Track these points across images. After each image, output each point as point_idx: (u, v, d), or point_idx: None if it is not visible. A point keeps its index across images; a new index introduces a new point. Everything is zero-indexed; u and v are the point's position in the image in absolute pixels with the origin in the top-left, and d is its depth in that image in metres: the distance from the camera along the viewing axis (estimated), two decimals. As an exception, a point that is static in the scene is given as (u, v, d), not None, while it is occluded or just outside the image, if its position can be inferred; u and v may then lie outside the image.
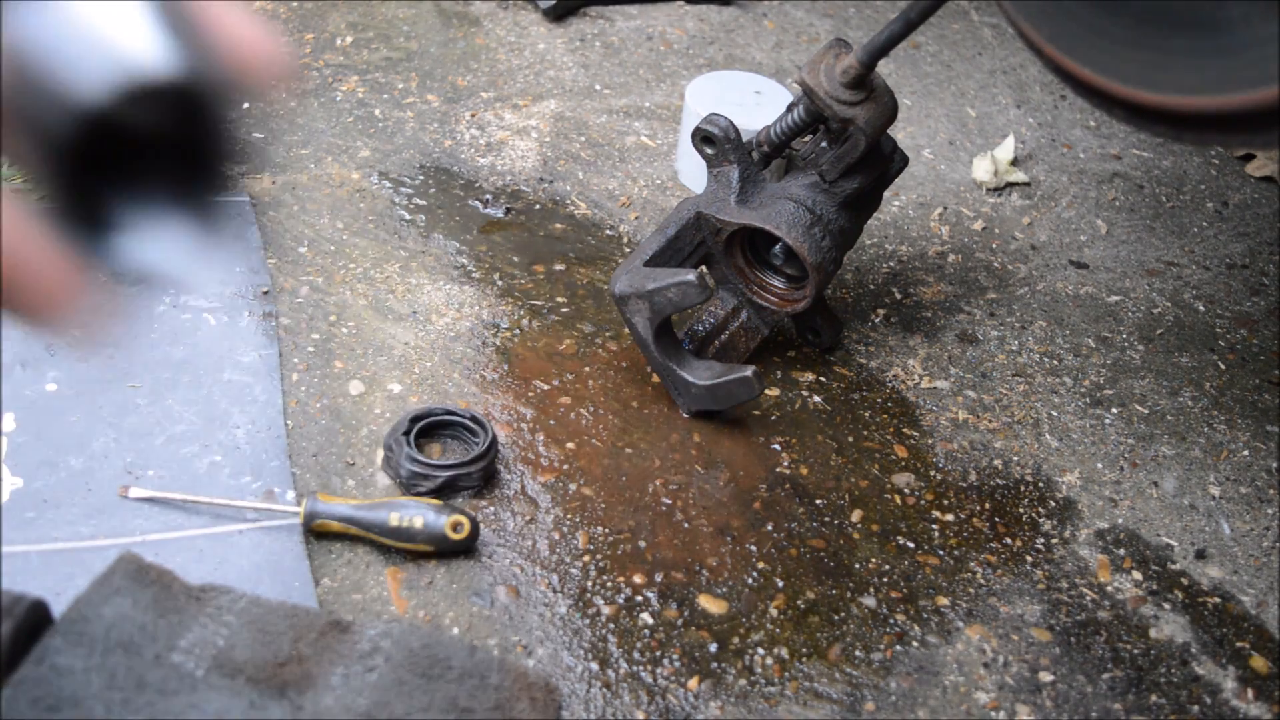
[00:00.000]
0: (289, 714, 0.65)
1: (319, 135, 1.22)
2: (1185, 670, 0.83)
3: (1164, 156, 1.41)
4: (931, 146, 1.36)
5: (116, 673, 0.64)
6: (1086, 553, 0.91)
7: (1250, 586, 0.90)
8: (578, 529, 0.86)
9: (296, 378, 0.94)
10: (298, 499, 0.84)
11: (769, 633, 0.81)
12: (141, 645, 0.65)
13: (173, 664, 0.65)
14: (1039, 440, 1.01)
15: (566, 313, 1.05)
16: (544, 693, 0.71)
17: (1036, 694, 0.80)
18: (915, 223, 1.24)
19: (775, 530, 0.89)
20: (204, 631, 0.68)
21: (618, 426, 0.95)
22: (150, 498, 0.82)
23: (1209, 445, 1.02)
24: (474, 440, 0.89)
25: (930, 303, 1.14)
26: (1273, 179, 1.39)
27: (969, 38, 1.58)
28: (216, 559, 0.79)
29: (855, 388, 1.03)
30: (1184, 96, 0.64)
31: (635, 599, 0.82)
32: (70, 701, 0.62)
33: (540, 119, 1.30)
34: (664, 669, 0.78)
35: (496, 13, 1.47)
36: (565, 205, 1.19)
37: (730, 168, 0.94)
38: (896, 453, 0.97)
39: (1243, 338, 1.15)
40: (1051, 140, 1.40)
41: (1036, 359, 1.09)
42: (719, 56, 1.46)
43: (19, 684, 0.62)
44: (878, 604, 0.85)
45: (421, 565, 0.81)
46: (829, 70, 0.89)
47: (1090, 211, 1.30)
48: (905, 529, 0.91)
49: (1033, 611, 0.86)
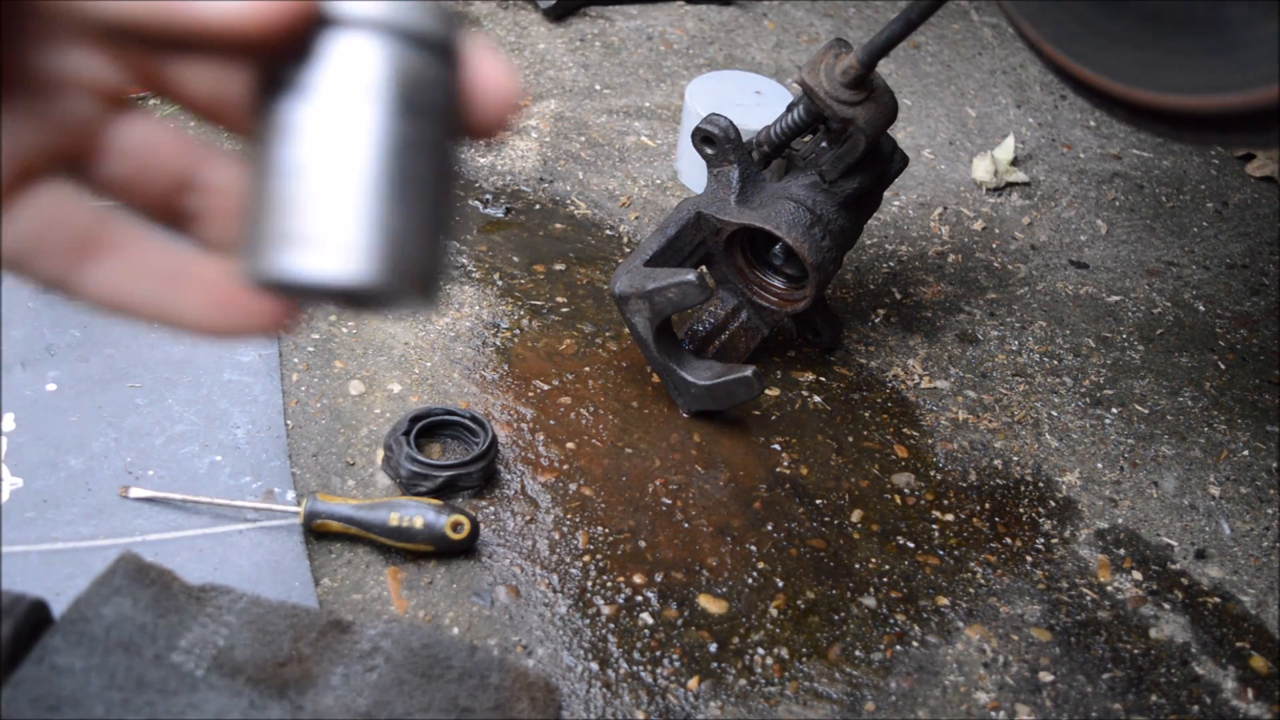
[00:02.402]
0: (289, 714, 0.65)
1: (319, 135, 1.22)
2: (1185, 670, 0.83)
3: (1164, 156, 1.41)
4: (931, 146, 1.36)
5: (116, 673, 0.64)
6: (1086, 553, 0.91)
7: (1250, 586, 0.90)
8: (578, 529, 0.86)
9: (296, 377, 0.94)
10: (298, 499, 0.84)
11: (769, 633, 0.81)
12: (141, 645, 0.65)
13: (173, 664, 0.65)
14: (1039, 440, 1.00)
15: (566, 313, 1.05)
16: (544, 693, 0.71)
17: (1036, 694, 0.80)
18: (915, 223, 1.24)
19: (775, 530, 0.89)
20: (204, 631, 0.68)
21: (618, 426, 0.95)
22: (150, 498, 0.82)
23: (1209, 445, 1.02)
24: (474, 440, 0.89)
25: (930, 303, 1.14)
26: (1273, 179, 1.39)
27: (969, 38, 1.58)
28: (216, 559, 0.79)
29: (855, 388, 1.03)
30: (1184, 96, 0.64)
31: (635, 599, 0.82)
32: (70, 701, 0.62)
33: (540, 119, 1.30)
34: (664, 669, 0.78)
35: (496, 13, 1.47)
36: (565, 205, 1.19)
37: (730, 168, 0.94)
38: (896, 453, 0.97)
39: (1243, 338, 1.15)
40: (1051, 140, 1.40)
41: (1036, 359, 1.09)
42: (719, 56, 1.46)
43: (19, 684, 0.62)
44: (878, 604, 0.85)
45: (421, 565, 0.81)
46: (829, 70, 0.89)
47: (1090, 211, 1.30)
48: (905, 529, 0.91)
49: (1033, 611, 0.86)
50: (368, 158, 0.24)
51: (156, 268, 0.29)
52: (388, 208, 0.24)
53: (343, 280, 0.23)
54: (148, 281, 0.28)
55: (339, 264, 0.23)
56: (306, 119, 0.24)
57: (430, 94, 0.24)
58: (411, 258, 0.24)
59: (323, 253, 0.23)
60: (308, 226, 0.23)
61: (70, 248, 0.28)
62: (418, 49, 0.24)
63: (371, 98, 0.24)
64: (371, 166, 0.24)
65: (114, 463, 0.84)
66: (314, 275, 0.23)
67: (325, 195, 0.24)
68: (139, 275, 0.28)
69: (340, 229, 0.23)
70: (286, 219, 0.24)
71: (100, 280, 0.28)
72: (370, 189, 0.24)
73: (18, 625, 0.63)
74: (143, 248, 0.29)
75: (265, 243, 0.24)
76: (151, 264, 0.29)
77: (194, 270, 0.28)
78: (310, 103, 0.24)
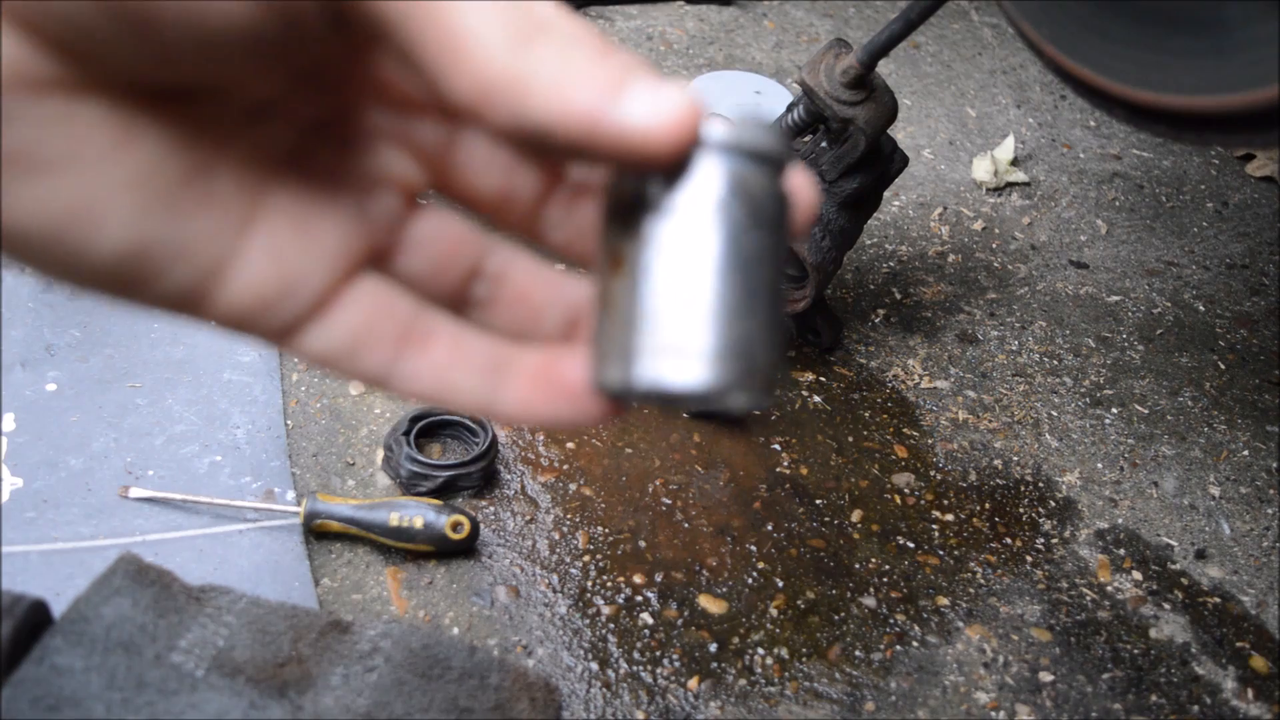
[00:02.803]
0: (289, 714, 0.65)
1: (319, 135, 1.22)
2: (1185, 670, 0.83)
3: (1164, 156, 1.41)
4: (931, 146, 1.36)
5: (116, 673, 0.64)
6: (1086, 553, 0.91)
7: (1250, 586, 0.90)
8: (578, 529, 0.86)
9: (296, 377, 0.94)
10: (298, 499, 0.84)
11: (769, 633, 0.81)
12: (141, 645, 0.65)
13: (173, 664, 0.65)
14: (1039, 440, 1.00)
15: (566, 313, 1.05)
16: (544, 693, 0.71)
17: (1036, 694, 0.80)
18: (915, 223, 1.24)
19: (775, 530, 0.89)
20: (204, 631, 0.68)
21: (618, 426, 0.95)
22: (150, 498, 0.82)
23: (1209, 445, 1.02)
24: (474, 440, 0.89)
25: (930, 303, 1.14)
26: (1273, 179, 1.39)
27: (969, 38, 1.58)
28: (216, 559, 0.79)
29: (855, 388, 1.03)
30: (1184, 96, 0.64)
31: (635, 599, 0.82)
32: (70, 701, 0.62)
33: (540, 119, 1.30)
34: (664, 669, 0.78)
35: (496, 13, 1.47)
36: (565, 205, 1.19)
37: (730, 168, 0.94)
38: (896, 453, 0.97)
39: (1243, 338, 1.15)
40: (1051, 140, 1.40)
41: (1036, 359, 1.09)
42: (719, 56, 1.46)
43: (19, 684, 0.62)
44: (878, 604, 0.85)
45: (421, 565, 0.81)
46: (829, 70, 0.89)
47: (1090, 211, 1.30)
48: (905, 529, 0.91)
49: (1033, 611, 0.86)
50: (723, 273, 0.26)
51: (478, 359, 0.29)
52: (740, 319, 0.26)
53: (702, 389, 0.25)
54: (470, 373, 0.29)
55: (699, 374, 0.25)
56: (666, 234, 0.26)
57: (771, 208, 0.26)
58: (758, 362, 0.26)
59: (685, 365, 0.25)
60: (672, 340, 0.26)
61: (393, 342, 0.29)
62: (761, 167, 0.26)
63: (726, 216, 0.26)
64: (727, 281, 0.26)
65: (114, 463, 0.84)
66: (678, 387, 0.25)
67: (686, 310, 0.26)
68: (461, 366, 0.29)
69: (701, 342, 0.25)
70: (652, 333, 0.26)
71: (423, 372, 0.29)
72: (725, 303, 0.26)
73: (18, 625, 0.63)
74: (461, 339, 0.29)
75: (629, 355, 0.26)
76: (473, 355, 0.29)
77: (514, 361, 0.29)
78: (672, 219, 0.26)
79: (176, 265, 0.25)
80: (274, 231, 0.27)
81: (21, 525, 0.79)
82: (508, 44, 0.23)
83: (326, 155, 0.28)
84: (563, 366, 0.29)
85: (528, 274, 0.30)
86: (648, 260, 0.26)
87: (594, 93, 0.23)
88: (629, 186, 0.26)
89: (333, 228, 0.28)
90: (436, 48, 0.23)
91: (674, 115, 0.24)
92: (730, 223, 0.26)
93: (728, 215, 0.26)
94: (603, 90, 0.23)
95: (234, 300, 0.27)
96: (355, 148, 0.28)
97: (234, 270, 0.26)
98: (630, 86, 0.24)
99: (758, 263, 0.26)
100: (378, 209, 0.29)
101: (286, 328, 0.28)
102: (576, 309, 0.30)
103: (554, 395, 0.29)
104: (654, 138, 0.24)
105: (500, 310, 0.30)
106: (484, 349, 0.29)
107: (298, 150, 0.27)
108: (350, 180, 0.28)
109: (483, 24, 0.23)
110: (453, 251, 0.30)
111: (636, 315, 0.26)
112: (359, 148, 0.28)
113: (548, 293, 0.30)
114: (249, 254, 0.26)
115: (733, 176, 0.26)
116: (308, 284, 0.27)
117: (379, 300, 0.29)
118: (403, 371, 0.29)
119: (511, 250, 0.30)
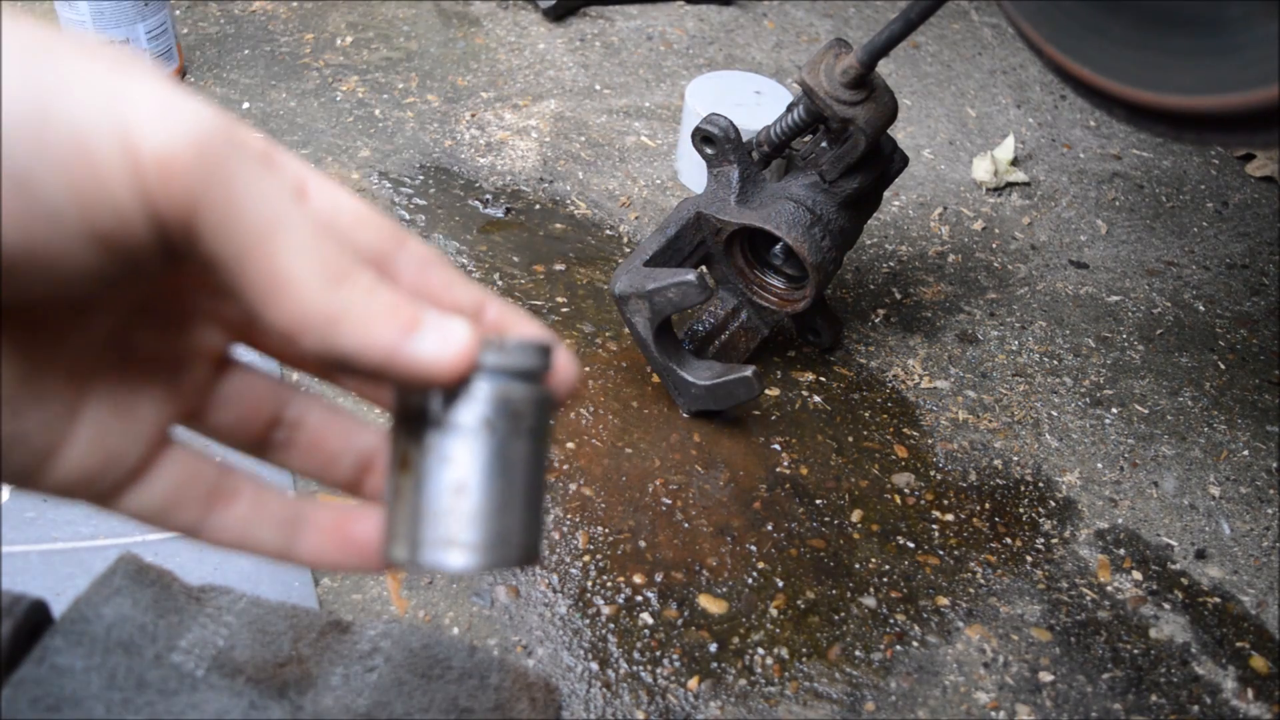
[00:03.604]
0: (289, 714, 0.65)
1: (319, 135, 1.22)
2: (1185, 670, 0.83)
3: (1164, 156, 1.41)
4: (931, 146, 1.36)
5: (116, 673, 0.64)
6: (1086, 553, 0.91)
7: (1250, 586, 0.90)
8: (578, 529, 0.86)
9: (296, 377, 0.94)
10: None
11: (769, 633, 0.81)
12: (141, 645, 0.65)
13: (173, 664, 0.65)
14: (1039, 440, 1.01)
15: (566, 313, 1.05)
16: (544, 693, 0.71)
17: (1036, 694, 0.80)
18: (915, 223, 1.24)
19: (775, 530, 0.89)
20: (204, 631, 0.68)
21: (618, 426, 0.95)
22: (150, 498, 0.81)
23: (1209, 445, 1.02)
24: (474, 440, 0.89)
25: (930, 303, 1.14)
26: (1273, 179, 1.39)
27: (969, 38, 1.58)
28: (216, 559, 0.79)
29: (855, 388, 1.03)
30: (1184, 96, 0.64)
31: (635, 599, 0.82)
32: (70, 701, 0.62)
33: (540, 119, 1.30)
34: (664, 669, 0.78)
35: (496, 13, 1.47)
36: (565, 205, 1.19)
37: (730, 168, 0.94)
38: (896, 453, 0.97)
39: (1243, 338, 1.15)
40: (1051, 140, 1.40)
41: (1036, 359, 1.09)
42: (719, 56, 1.46)
43: (19, 684, 0.62)
44: (878, 604, 0.85)
45: (421, 565, 0.81)
46: (829, 70, 0.89)
47: (1090, 211, 1.30)
48: (905, 529, 0.91)
49: (1033, 611, 0.86)
50: (487, 479, 0.31)
51: (278, 514, 0.33)
52: (500, 515, 0.31)
53: (471, 570, 0.31)
54: (271, 527, 0.33)
55: (467, 561, 0.31)
56: (443, 446, 0.31)
57: (532, 416, 0.31)
58: (513, 545, 0.32)
59: (455, 554, 0.31)
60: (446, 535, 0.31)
61: (201, 501, 0.32)
62: (526, 383, 0.31)
63: (492, 432, 0.31)
64: (490, 487, 0.31)
65: (114, 463, 0.84)
66: (451, 568, 0.31)
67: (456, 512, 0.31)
68: (262, 521, 0.33)
69: (467, 537, 0.31)
70: (432, 528, 0.31)
71: (229, 526, 0.32)
72: (488, 504, 0.31)
73: (18, 625, 0.63)
74: (263, 495, 0.33)
75: (415, 543, 0.31)
76: (273, 510, 0.33)
77: (311, 516, 0.33)
78: (448, 434, 0.30)
79: (12, 454, 0.28)
80: (97, 417, 0.29)
81: (21, 525, 0.79)
82: (322, 285, 0.26)
83: (146, 337, 0.30)
84: (353, 525, 0.33)
85: (323, 421, 0.34)
86: (428, 466, 0.31)
87: (393, 330, 0.27)
88: (415, 401, 0.31)
89: (149, 404, 0.30)
90: (261, 285, 0.25)
91: (456, 350, 0.28)
92: (495, 438, 0.30)
93: (493, 431, 0.30)
94: (400, 328, 0.27)
95: (62, 478, 0.30)
96: (171, 328, 0.31)
97: (62, 453, 0.29)
98: (422, 325, 0.28)
99: (518, 467, 0.31)
100: (190, 380, 0.32)
101: (107, 494, 0.31)
102: (367, 455, 0.34)
103: (346, 550, 0.33)
104: (438, 368, 0.28)
105: (296, 454, 0.34)
106: (283, 505, 0.33)
107: (119, 333, 0.30)
108: (166, 358, 0.31)
109: (302, 265, 0.25)
110: (256, 403, 0.33)
111: (420, 512, 0.31)
112: (175, 327, 0.31)
113: (340, 441, 0.34)
114: (75, 438, 0.29)
115: (499, 396, 0.30)
116: (126, 458, 0.30)
117: (188, 464, 0.32)
118: (210, 526, 0.32)
119: (309, 398, 0.34)
